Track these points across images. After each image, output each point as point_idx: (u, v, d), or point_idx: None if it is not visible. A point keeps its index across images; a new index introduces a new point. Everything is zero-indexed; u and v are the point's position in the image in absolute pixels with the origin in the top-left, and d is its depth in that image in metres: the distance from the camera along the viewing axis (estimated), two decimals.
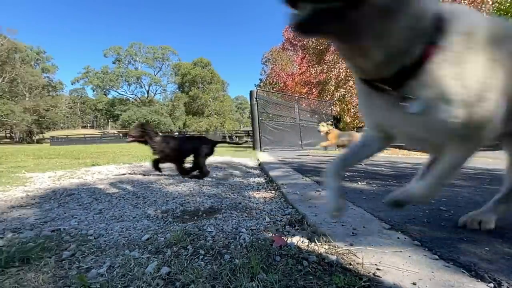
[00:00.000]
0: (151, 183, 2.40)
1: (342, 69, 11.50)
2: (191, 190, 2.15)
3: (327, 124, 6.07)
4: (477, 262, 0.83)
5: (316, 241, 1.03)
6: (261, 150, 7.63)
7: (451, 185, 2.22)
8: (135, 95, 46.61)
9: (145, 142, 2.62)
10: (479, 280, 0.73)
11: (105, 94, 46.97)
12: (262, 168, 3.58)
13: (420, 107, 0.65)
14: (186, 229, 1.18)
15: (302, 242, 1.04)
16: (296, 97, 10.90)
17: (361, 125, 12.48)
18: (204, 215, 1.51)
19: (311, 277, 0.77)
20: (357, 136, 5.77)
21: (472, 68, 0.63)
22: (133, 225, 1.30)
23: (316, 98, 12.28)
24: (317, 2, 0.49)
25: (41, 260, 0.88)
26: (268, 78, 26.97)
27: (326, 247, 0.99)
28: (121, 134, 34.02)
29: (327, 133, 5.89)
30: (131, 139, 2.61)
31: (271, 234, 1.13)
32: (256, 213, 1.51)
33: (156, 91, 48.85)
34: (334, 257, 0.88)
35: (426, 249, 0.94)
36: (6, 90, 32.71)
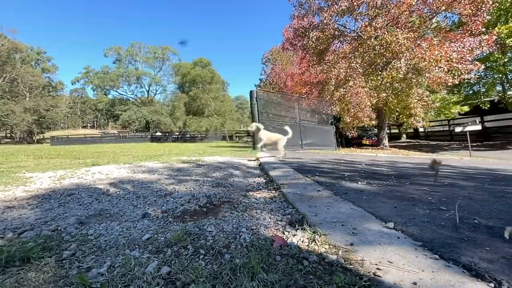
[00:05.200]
0: (151, 183, 2.40)
1: (342, 69, 11.45)
2: (191, 190, 2.15)
3: None
4: (478, 262, 0.83)
5: (316, 240, 1.02)
6: (261, 150, 7.63)
7: (452, 185, 2.21)
8: (135, 95, 46.55)
9: None
10: (479, 279, 0.73)
11: (105, 94, 46.93)
12: (263, 168, 3.58)
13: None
14: (186, 229, 1.18)
15: (302, 241, 1.04)
16: (296, 97, 10.89)
17: (361, 125, 12.44)
18: (204, 215, 1.51)
19: (312, 276, 0.77)
20: None
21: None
22: (133, 225, 1.30)
23: (316, 98, 12.26)
24: None
25: (41, 260, 0.89)
26: (268, 78, 27.03)
27: (327, 246, 0.99)
28: (121, 134, 34.04)
29: None
30: None
31: (272, 234, 1.13)
32: (256, 213, 1.51)
33: (156, 91, 48.83)
34: (334, 257, 0.88)
35: (427, 249, 0.93)
36: (7, 90, 32.73)
